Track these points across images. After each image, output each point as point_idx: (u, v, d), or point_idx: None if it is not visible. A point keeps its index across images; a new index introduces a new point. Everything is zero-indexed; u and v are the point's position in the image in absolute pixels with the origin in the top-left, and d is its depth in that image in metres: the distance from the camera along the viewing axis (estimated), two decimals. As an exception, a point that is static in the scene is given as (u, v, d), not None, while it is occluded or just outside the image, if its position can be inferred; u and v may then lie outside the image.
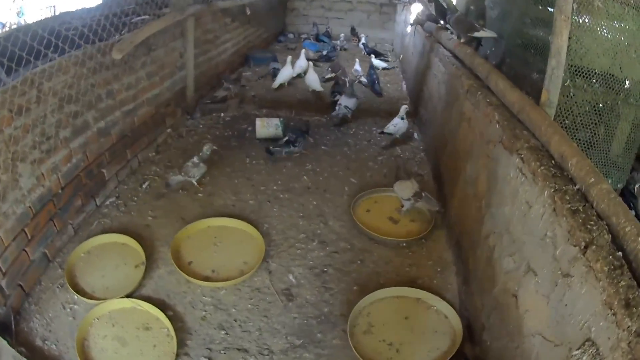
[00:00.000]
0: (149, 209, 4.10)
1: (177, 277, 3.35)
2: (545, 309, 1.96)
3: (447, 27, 5.29)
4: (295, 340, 2.92)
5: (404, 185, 4.10)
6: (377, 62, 9.22)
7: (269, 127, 5.60)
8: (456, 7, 5.24)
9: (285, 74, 7.68)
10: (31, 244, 3.11)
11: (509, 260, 2.47)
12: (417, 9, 8.01)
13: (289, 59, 7.76)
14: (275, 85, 7.66)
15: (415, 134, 6.05)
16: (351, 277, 3.47)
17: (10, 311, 2.84)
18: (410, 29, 8.28)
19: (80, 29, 3.59)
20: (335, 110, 6.28)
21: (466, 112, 3.77)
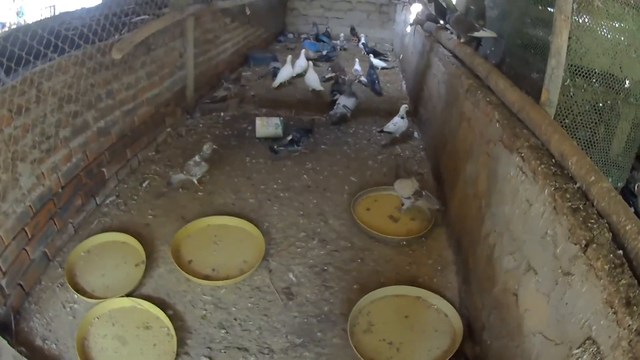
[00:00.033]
0: (149, 207, 4.10)
1: (177, 276, 3.35)
2: (545, 308, 1.96)
3: (446, 27, 5.30)
4: (295, 339, 2.92)
5: (404, 183, 4.10)
6: (376, 62, 9.22)
7: (269, 126, 5.61)
8: (456, 7, 5.24)
9: (285, 74, 7.69)
10: (31, 243, 3.11)
11: (509, 258, 2.47)
12: (417, 8, 8.02)
13: (289, 58, 7.77)
14: (275, 84, 7.67)
15: (415, 133, 6.05)
16: (351, 276, 3.47)
17: (10, 311, 2.84)
18: (410, 28, 8.28)
19: (80, 29, 3.59)
20: (333, 109, 6.30)
21: (466, 112, 3.77)
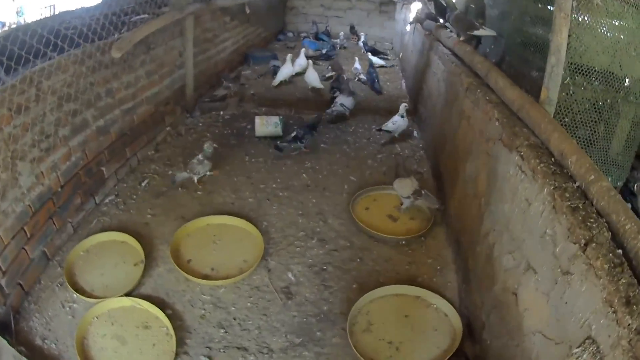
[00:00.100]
0: (148, 207, 4.10)
1: (176, 276, 3.35)
2: (545, 307, 1.96)
3: (446, 25, 5.29)
4: (294, 338, 2.92)
5: (404, 183, 4.10)
6: (375, 60, 9.21)
7: (268, 125, 5.60)
8: (455, 5, 5.23)
9: (285, 72, 7.70)
10: (30, 242, 3.11)
11: (509, 258, 2.46)
12: (417, 7, 8.01)
13: (289, 56, 7.78)
14: (275, 82, 7.67)
15: (414, 132, 6.05)
16: (351, 275, 3.47)
17: (10, 310, 2.84)
18: (409, 27, 8.27)
19: (79, 28, 3.59)
20: (330, 107, 6.31)
21: (466, 110, 3.77)
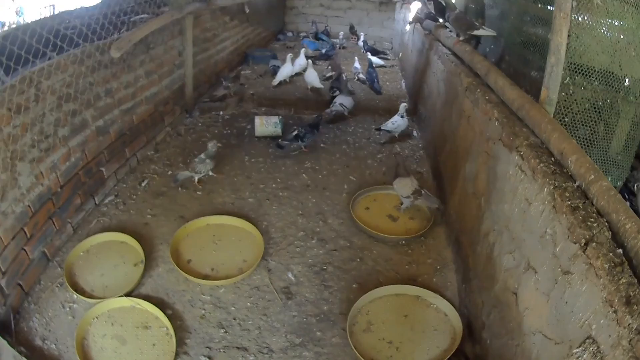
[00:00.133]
0: (148, 207, 4.10)
1: (176, 276, 3.34)
2: (545, 307, 1.96)
3: (446, 25, 5.29)
4: (294, 338, 2.92)
5: (404, 182, 4.09)
6: (375, 60, 9.21)
7: (268, 125, 5.61)
8: (455, 5, 5.23)
9: (285, 72, 7.72)
10: (30, 243, 3.11)
11: (509, 257, 2.46)
12: (416, 7, 8.02)
13: (290, 56, 7.79)
14: (275, 82, 7.68)
15: (414, 132, 6.05)
16: (350, 275, 3.47)
17: (10, 311, 2.84)
18: (409, 27, 8.27)
19: (79, 28, 3.59)
20: (330, 107, 6.32)
21: (465, 110, 3.77)
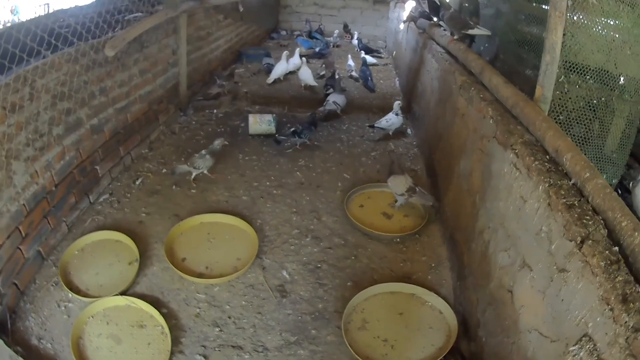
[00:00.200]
0: (143, 205, 4.09)
1: (171, 274, 3.34)
2: (541, 305, 1.97)
3: (440, 23, 5.30)
4: (289, 337, 2.92)
5: (398, 180, 4.10)
6: (368, 58, 9.21)
7: (262, 123, 5.61)
8: (449, 4, 5.24)
9: (280, 69, 7.74)
10: (25, 242, 3.09)
11: (504, 255, 2.47)
12: (410, 5, 8.03)
13: (285, 54, 7.82)
14: (270, 80, 7.69)
15: (408, 130, 6.06)
16: (345, 273, 3.47)
17: (6, 310, 2.83)
18: (403, 25, 8.28)
19: (73, 26, 3.57)
20: (323, 105, 6.33)
21: (460, 108, 3.78)
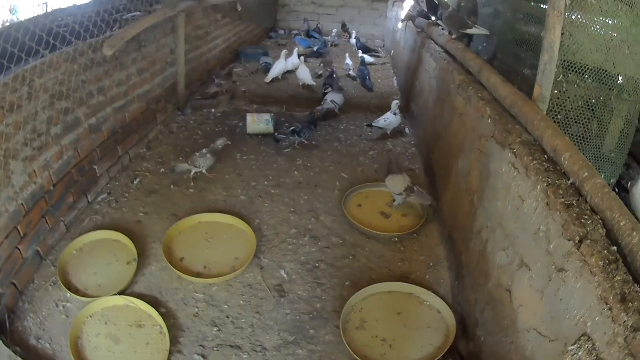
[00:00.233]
0: (140, 205, 4.08)
1: (169, 274, 3.34)
2: (539, 304, 1.97)
3: (438, 23, 5.30)
4: (288, 336, 2.92)
5: (396, 179, 4.10)
6: (366, 57, 9.20)
7: (260, 122, 5.60)
8: (448, 3, 5.24)
9: (278, 68, 7.74)
10: (24, 241, 3.09)
11: (502, 254, 2.48)
12: (408, 4, 8.03)
13: (284, 52, 7.82)
14: (268, 79, 7.69)
15: (406, 129, 6.06)
16: (343, 272, 3.47)
17: (4, 310, 2.82)
18: (401, 24, 8.28)
19: (71, 26, 3.57)
20: (320, 104, 6.34)
21: (458, 107, 3.78)
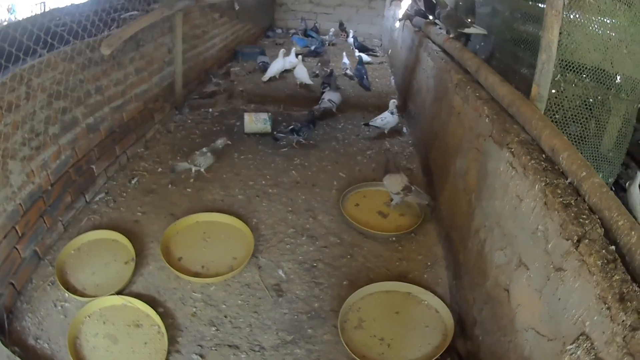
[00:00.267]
0: (138, 204, 4.08)
1: (167, 273, 3.33)
2: (537, 303, 1.97)
3: (436, 22, 5.31)
4: (286, 336, 2.92)
5: (393, 179, 4.10)
6: (364, 57, 9.21)
7: (257, 122, 5.60)
8: (446, 3, 5.25)
9: (276, 67, 7.73)
10: (22, 241, 3.08)
11: (500, 254, 2.48)
12: (406, 4, 8.04)
13: (282, 51, 7.81)
14: (265, 78, 7.69)
15: (404, 128, 6.06)
16: (341, 272, 3.47)
17: (3, 310, 2.82)
18: (398, 24, 8.29)
19: (69, 25, 3.56)
20: (318, 103, 6.34)
21: (455, 106, 3.78)
